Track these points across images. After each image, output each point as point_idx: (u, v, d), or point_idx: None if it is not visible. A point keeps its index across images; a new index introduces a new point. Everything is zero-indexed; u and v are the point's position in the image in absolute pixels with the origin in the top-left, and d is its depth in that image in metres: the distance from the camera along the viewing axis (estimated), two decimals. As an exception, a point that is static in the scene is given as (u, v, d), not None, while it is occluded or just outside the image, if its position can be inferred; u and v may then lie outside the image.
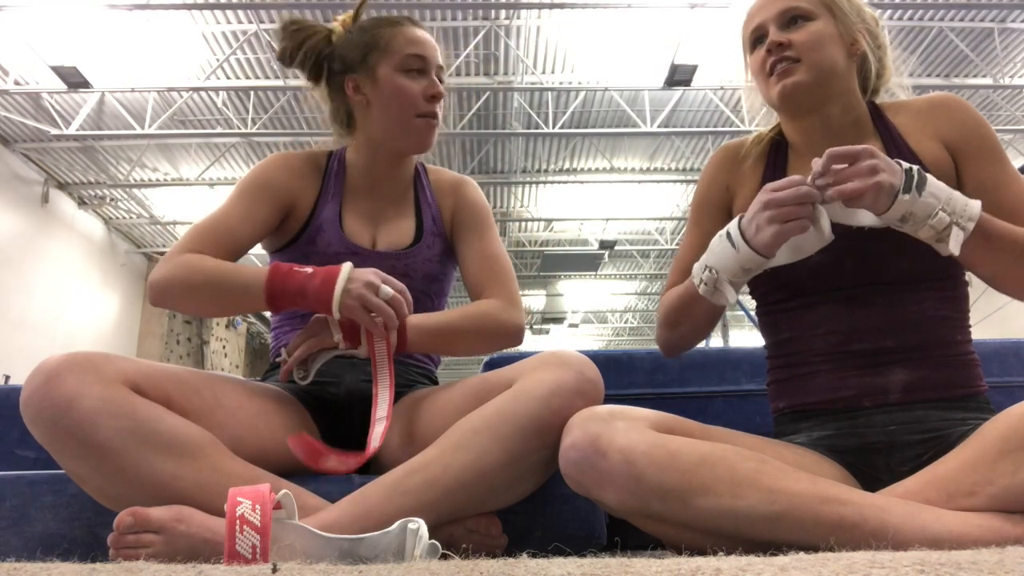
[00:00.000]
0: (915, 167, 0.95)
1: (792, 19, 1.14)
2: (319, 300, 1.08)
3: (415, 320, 1.17)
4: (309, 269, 1.11)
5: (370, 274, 1.09)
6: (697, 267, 1.08)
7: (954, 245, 0.94)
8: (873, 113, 1.18)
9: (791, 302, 1.15)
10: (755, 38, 1.18)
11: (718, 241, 1.05)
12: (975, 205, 0.96)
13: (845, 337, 1.09)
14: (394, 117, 1.30)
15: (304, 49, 1.32)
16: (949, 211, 0.94)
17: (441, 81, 1.34)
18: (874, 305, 1.08)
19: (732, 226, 1.03)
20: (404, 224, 1.36)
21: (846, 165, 0.95)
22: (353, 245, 1.30)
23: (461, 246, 1.37)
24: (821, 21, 1.13)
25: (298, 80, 1.43)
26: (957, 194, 0.96)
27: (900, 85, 1.24)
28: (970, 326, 1.13)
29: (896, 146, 1.13)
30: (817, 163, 0.97)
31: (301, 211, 1.32)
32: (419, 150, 1.34)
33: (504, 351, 1.39)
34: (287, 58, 1.33)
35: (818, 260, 1.10)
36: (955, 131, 1.12)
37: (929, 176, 0.95)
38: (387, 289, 1.08)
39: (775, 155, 1.23)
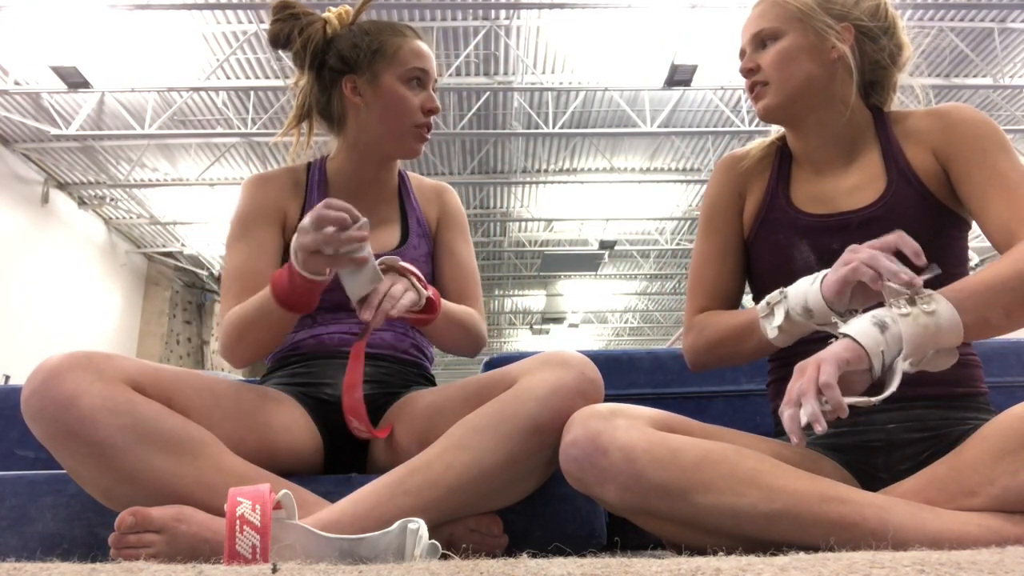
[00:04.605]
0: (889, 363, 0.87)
1: (762, 41, 1.16)
2: (296, 274, 1.06)
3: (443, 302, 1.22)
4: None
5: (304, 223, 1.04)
6: (771, 298, 1.03)
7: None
8: (877, 121, 1.18)
9: None
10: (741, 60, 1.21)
11: (806, 283, 0.99)
12: (949, 326, 0.86)
13: None
14: (391, 124, 1.32)
15: (303, 37, 1.31)
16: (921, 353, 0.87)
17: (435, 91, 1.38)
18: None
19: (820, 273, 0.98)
20: (390, 227, 1.38)
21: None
22: None
23: (440, 249, 1.43)
24: (789, 37, 1.13)
25: (298, 80, 1.42)
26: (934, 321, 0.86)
27: (908, 84, 1.21)
28: None
29: (893, 156, 1.13)
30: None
31: (290, 223, 1.33)
32: (408, 156, 1.37)
33: (503, 351, 1.41)
34: (281, 42, 1.32)
35: (815, 271, 1.10)
36: (943, 139, 1.10)
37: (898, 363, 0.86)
38: (325, 211, 1.03)
39: (780, 163, 1.23)
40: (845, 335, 0.88)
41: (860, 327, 0.87)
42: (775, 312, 1.01)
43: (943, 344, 0.87)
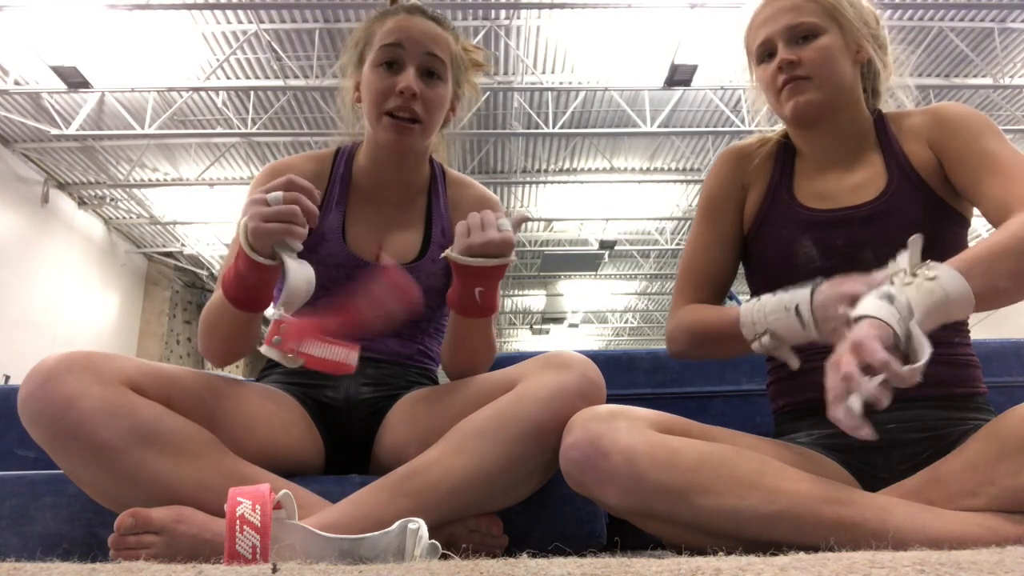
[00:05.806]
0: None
1: (801, 35, 1.14)
2: (244, 257, 0.98)
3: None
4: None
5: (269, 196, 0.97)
6: (751, 326, 1.02)
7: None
8: (878, 123, 1.19)
9: None
10: (763, 52, 1.18)
11: (784, 315, 0.98)
12: (957, 293, 0.86)
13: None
14: (369, 116, 1.24)
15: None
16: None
17: (435, 74, 1.23)
18: None
19: (803, 304, 0.95)
20: (411, 235, 1.30)
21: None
22: (356, 258, 1.25)
23: None
24: (829, 35, 1.14)
25: (298, 80, 1.41)
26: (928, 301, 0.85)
27: (901, 85, 1.24)
28: (968, 331, 1.14)
29: (894, 155, 1.15)
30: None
31: None
32: (393, 151, 1.26)
33: (503, 351, 1.40)
34: None
35: (818, 265, 1.11)
36: (937, 132, 1.12)
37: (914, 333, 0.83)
38: (275, 195, 0.96)
39: (783, 158, 1.24)
40: (860, 317, 0.84)
41: (871, 305, 0.84)
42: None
43: (954, 312, 0.87)
